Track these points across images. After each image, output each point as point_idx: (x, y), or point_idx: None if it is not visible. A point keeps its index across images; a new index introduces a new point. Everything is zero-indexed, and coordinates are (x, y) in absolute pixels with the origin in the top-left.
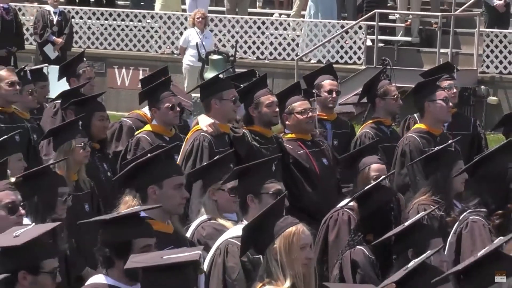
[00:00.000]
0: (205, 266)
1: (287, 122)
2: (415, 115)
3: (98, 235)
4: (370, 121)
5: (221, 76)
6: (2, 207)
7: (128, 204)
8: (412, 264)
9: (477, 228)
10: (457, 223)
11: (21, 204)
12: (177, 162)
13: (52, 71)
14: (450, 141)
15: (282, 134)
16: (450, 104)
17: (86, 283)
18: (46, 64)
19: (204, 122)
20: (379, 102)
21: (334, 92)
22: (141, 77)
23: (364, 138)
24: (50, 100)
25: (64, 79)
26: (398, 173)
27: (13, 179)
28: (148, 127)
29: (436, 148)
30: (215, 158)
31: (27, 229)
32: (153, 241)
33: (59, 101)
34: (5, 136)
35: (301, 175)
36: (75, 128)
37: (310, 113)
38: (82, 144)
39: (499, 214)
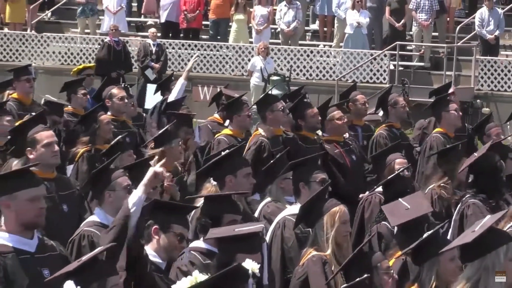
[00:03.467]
0: (267, 237)
1: (328, 127)
2: (426, 120)
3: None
4: (384, 125)
5: (270, 92)
6: (123, 189)
7: (208, 190)
8: (425, 235)
9: (477, 209)
10: (459, 204)
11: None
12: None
13: (149, 89)
14: (458, 143)
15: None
16: (460, 113)
17: (190, 245)
18: (127, 84)
19: (261, 129)
20: (390, 110)
21: (366, 103)
22: None
23: (379, 138)
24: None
25: (159, 93)
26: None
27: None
28: (227, 131)
29: (447, 147)
30: (277, 157)
31: None
32: (239, 217)
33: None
34: (120, 136)
35: (336, 168)
36: (173, 132)
37: (345, 119)
38: (180, 143)
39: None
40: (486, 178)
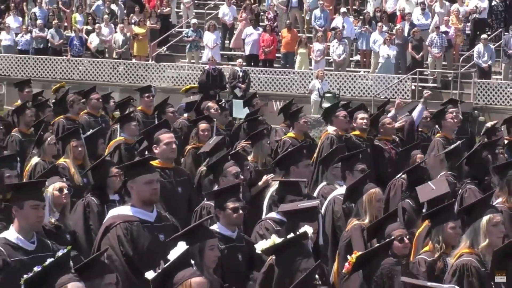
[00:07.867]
0: (322, 210)
1: (381, 130)
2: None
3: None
4: (438, 134)
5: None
6: (232, 175)
7: (281, 177)
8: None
9: (471, 192)
10: (460, 189)
11: (240, 173)
12: (316, 150)
13: (236, 103)
14: (458, 142)
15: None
16: (456, 120)
17: (265, 216)
18: (225, 99)
19: (331, 129)
20: (443, 124)
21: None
22: None
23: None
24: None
25: (246, 107)
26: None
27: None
28: (290, 134)
29: (451, 147)
30: (331, 149)
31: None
32: (298, 198)
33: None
34: (219, 137)
35: (384, 160)
36: (264, 134)
37: (394, 124)
38: (268, 142)
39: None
40: (477, 169)
